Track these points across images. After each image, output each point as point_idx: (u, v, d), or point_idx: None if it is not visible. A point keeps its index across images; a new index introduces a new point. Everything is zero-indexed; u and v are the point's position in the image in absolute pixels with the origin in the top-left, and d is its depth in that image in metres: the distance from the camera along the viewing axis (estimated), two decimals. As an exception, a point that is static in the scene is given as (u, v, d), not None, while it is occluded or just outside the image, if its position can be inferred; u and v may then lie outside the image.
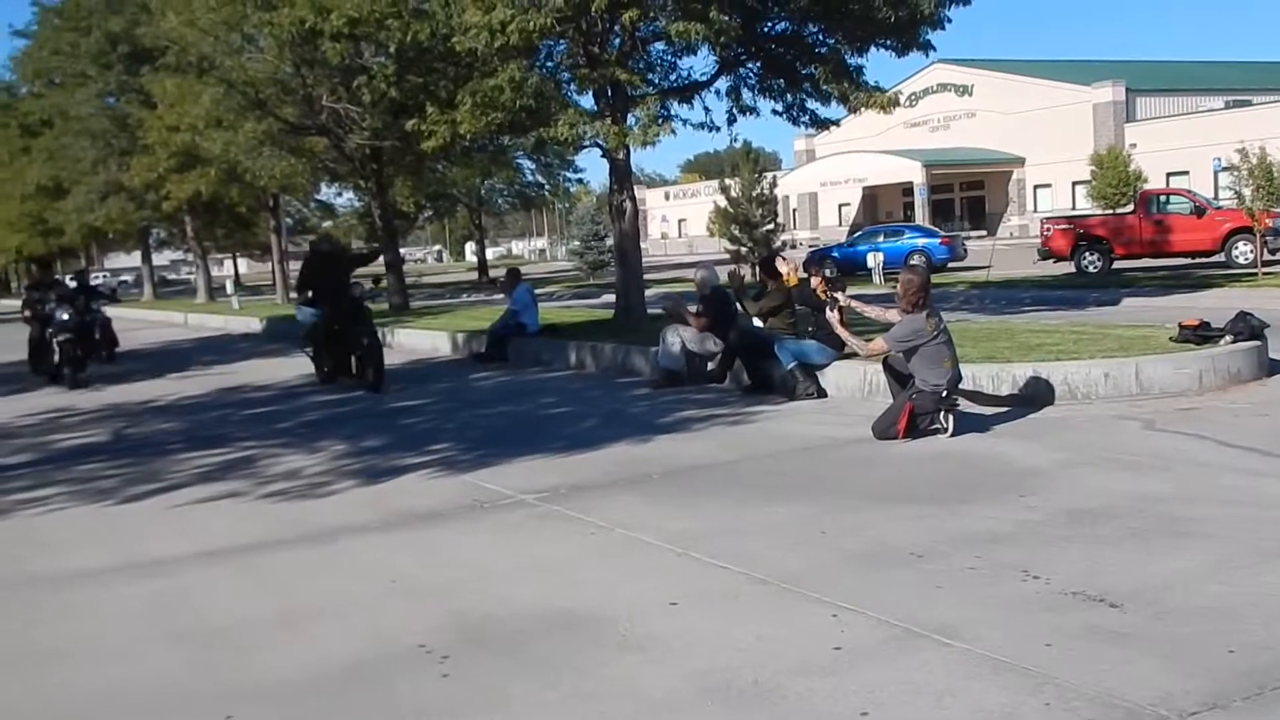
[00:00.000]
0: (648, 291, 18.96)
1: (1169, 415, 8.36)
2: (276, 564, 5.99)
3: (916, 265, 12.04)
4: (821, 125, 17.76)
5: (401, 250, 27.88)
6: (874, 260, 29.22)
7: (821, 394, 10.22)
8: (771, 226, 33.03)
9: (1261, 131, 31.59)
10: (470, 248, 76.23)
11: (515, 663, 4.34)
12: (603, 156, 16.57)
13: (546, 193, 54.63)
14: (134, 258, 44.33)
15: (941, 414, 8.13)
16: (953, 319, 10.81)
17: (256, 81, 21.79)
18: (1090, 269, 25.89)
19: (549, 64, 16.85)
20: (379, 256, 15.96)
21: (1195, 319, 10.36)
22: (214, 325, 29.85)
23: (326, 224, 66.65)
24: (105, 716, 4.19)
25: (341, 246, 24.12)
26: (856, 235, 37.71)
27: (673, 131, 15.72)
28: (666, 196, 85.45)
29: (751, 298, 11.33)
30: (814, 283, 10.54)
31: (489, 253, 65.49)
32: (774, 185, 34.48)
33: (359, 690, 4.19)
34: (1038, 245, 28.28)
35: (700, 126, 17.71)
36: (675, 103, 16.71)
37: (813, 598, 4.82)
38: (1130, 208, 29.46)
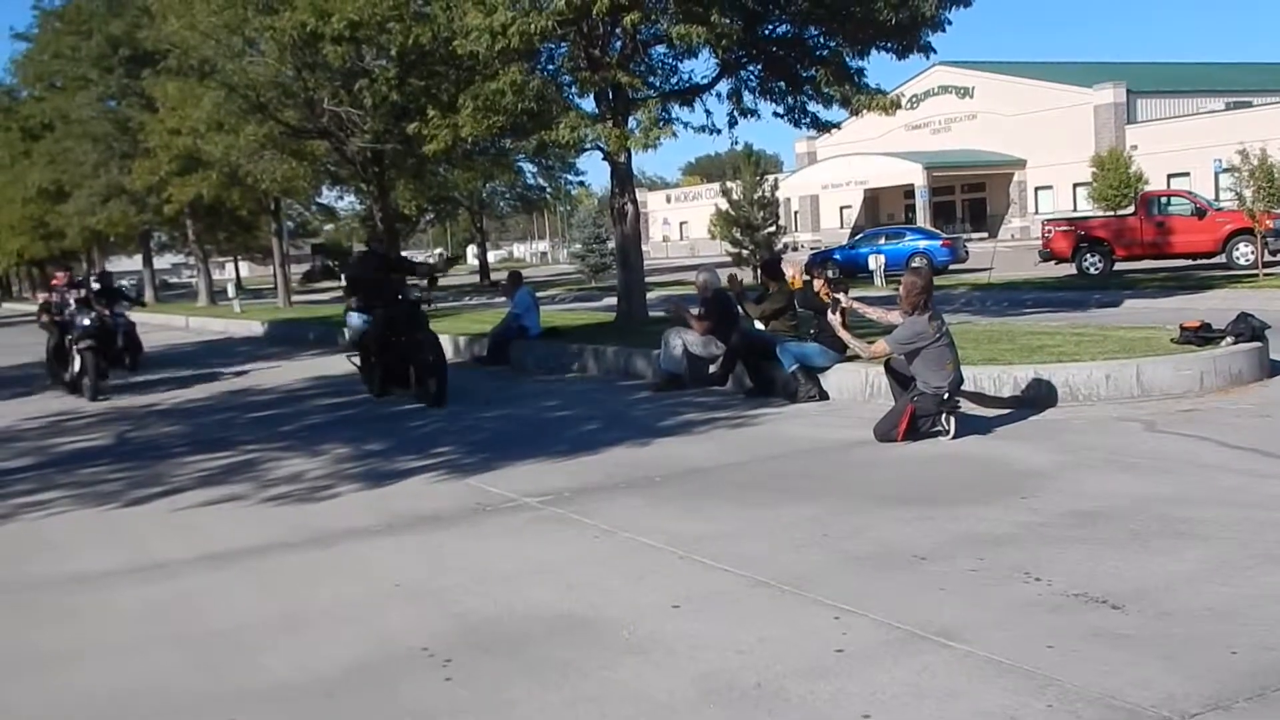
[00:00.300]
0: (649, 294, 18.96)
1: (1170, 417, 8.36)
2: (279, 567, 6.00)
3: (919, 267, 12.07)
4: (823, 128, 17.76)
5: (403, 253, 27.86)
6: (875, 262, 29.22)
7: (823, 396, 10.23)
8: (773, 229, 33.08)
9: (1262, 133, 31.59)
10: (472, 250, 76.25)
11: (518, 666, 4.35)
12: (604, 159, 16.59)
13: (548, 196, 54.63)
14: (135, 261, 44.36)
15: (943, 416, 8.14)
16: (954, 321, 10.81)
17: (258, 85, 21.80)
18: (1091, 270, 25.88)
19: (550, 67, 16.88)
20: (435, 273, 14.47)
21: (1196, 320, 10.37)
22: (215, 329, 29.87)
23: (328, 227, 66.84)
24: (109, 719, 4.21)
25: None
26: (858, 237, 37.71)
27: (674, 134, 15.74)
28: (668, 199, 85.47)
29: (753, 301, 11.34)
30: (817, 284, 10.55)
31: (490, 255, 65.52)
32: (775, 188, 34.54)
33: (361, 693, 4.20)
34: (1039, 247, 28.28)
35: (701, 129, 17.76)
36: (676, 105, 16.71)
37: (815, 600, 4.83)
38: (1131, 209, 29.45)
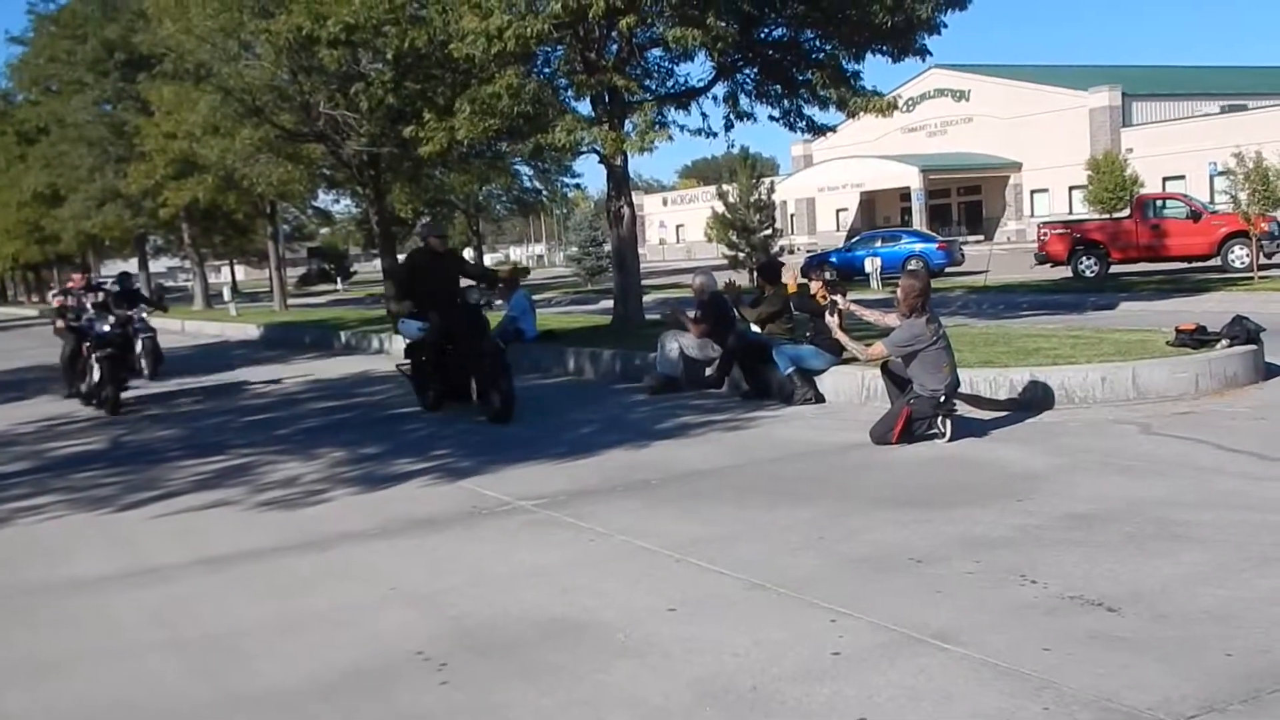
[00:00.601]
0: (646, 297, 18.97)
1: (1166, 419, 8.37)
2: (275, 571, 5.99)
3: (916, 270, 12.08)
4: (818, 131, 17.77)
5: (399, 256, 27.82)
6: (872, 265, 29.23)
7: (819, 399, 10.23)
8: (769, 232, 33.06)
9: (1257, 136, 31.59)
10: (468, 254, 76.22)
11: (513, 669, 4.34)
12: (600, 162, 16.58)
13: (544, 199, 54.59)
14: (131, 265, 44.27)
15: (939, 419, 8.14)
16: (950, 324, 10.82)
17: (253, 88, 21.77)
18: (1087, 273, 25.93)
19: (546, 70, 16.88)
20: (495, 276, 12.99)
21: (1191, 323, 10.38)
22: (211, 332, 29.85)
23: (324, 231, 66.77)
24: (104, 724, 4.20)
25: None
26: (854, 240, 37.73)
27: (670, 137, 15.79)
28: (664, 202, 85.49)
29: (749, 304, 11.34)
30: (814, 286, 10.55)
31: (487, 258, 65.45)
32: (771, 191, 34.50)
33: (358, 698, 4.19)
34: (1035, 250, 28.31)
35: (698, 132, 17.73)
36: (673, 109, 16.72)
37: (811, 603, 4.83)
38: (1127, 212, 29.49)
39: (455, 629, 4.84)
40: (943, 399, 8.12)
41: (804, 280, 11.65)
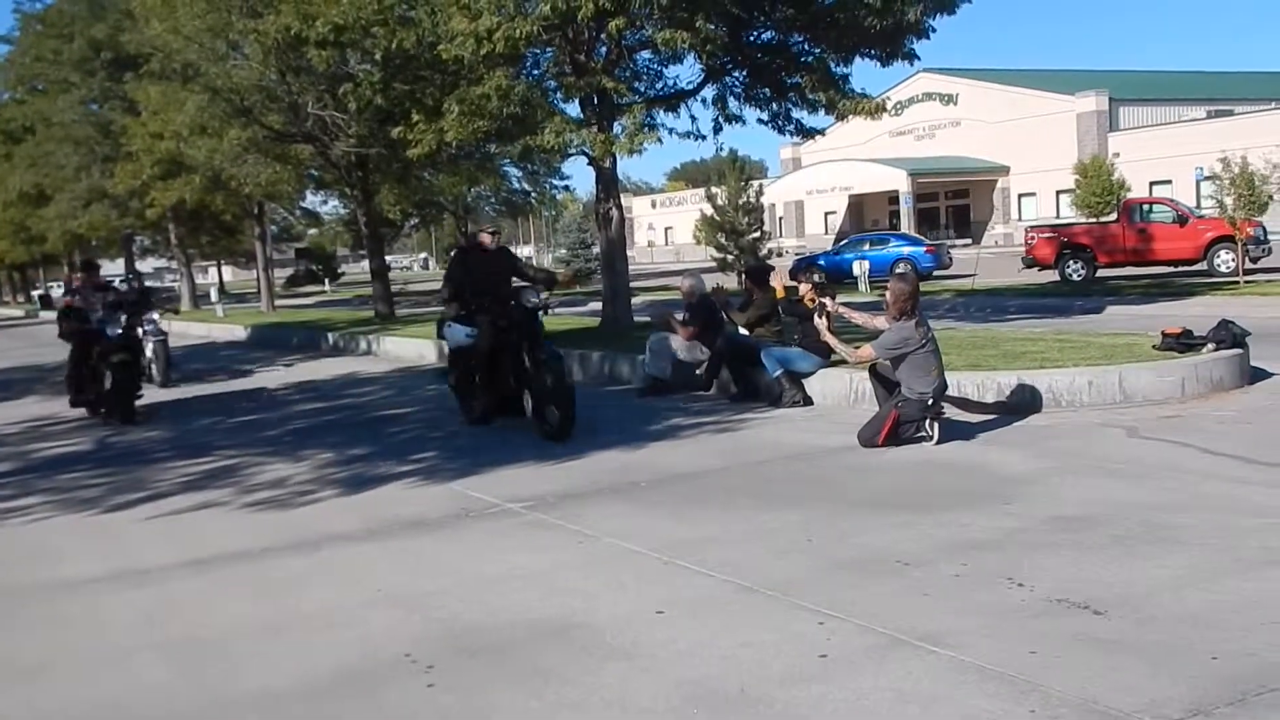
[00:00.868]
0: (634, 299, 18.96)
1: (1152, 423, 8.40)
2: (262, 573, 5.97)
3: (905, 274, 12.11)
4: (807, 134, 17.79)
5: (387, 258, 27.87)
6: (860, 268, 29.27)
7: (808, 402, 10.24)
8: (758, 235, 33.07)
9: (1243, 141, 31.77)
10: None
11: (501, 672, 4.34)
12: (589, 164, 16.58)
13: (533, 200, 54.53)
14: (117, 265, 44.14)
15: (927, 422, 8.16)
16: (938, 327, 10.84)
17: (241, 89, 21.74)
18: (1074, 277, 26.02)
19: (535, 72, 16.89)
20: (555, 279, 11.70)
21: (1178, 327, 10.42)
22: (198, 333, 29.75)
23: (312, 231, 66.59)
24: (89, 727, 4.18)
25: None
26: (842, 244, 37.78)
27: (659, 140, 15.76)
28: (653, 205, 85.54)
29: (737, 307, 11.35)
30: (802, 289, 10.55)
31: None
32: (760, 193, 34.54)
33: (345, 700, 4.18)
34: (1022, 253, 28.40)
35: (686, 135, 17.75)
36: (661, 111, 16.72)
37: (799, 605, 4.83)
38: (1114, 216, 29.62)
39: (443, 631, 4.83)
40: (930, 402, 8.14)
41: (792, 283, 11.64)
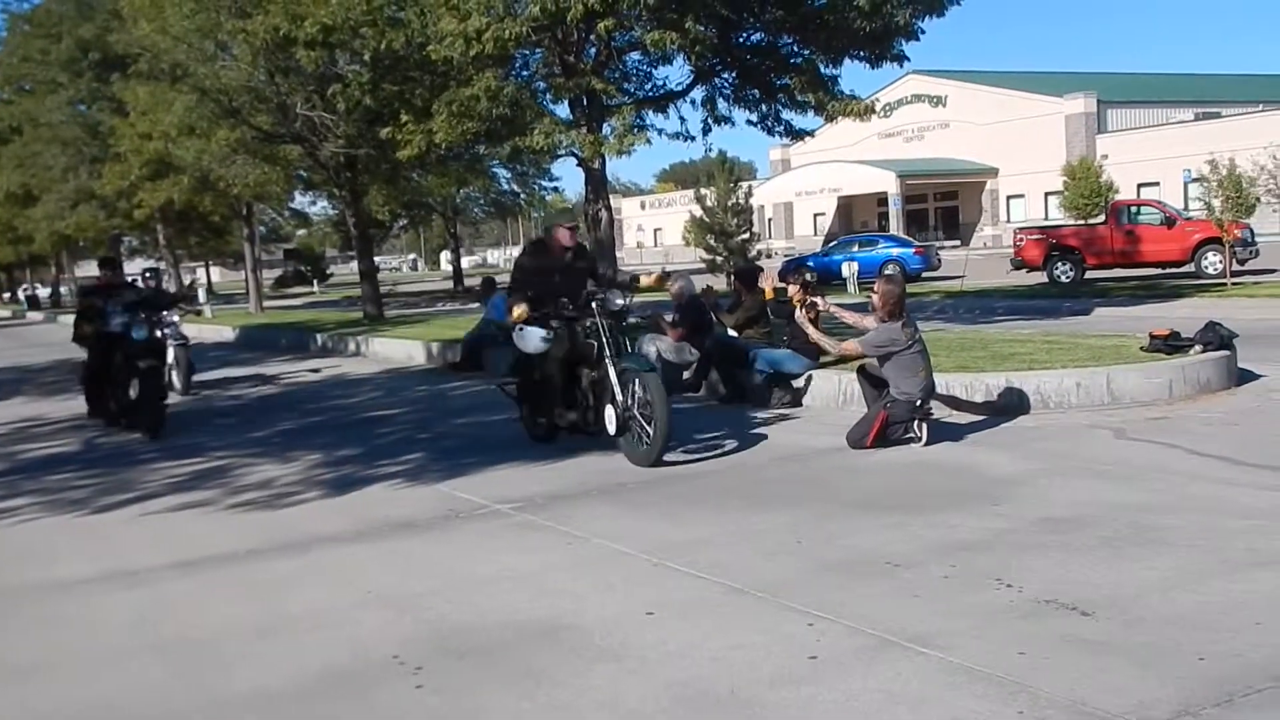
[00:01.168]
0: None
1: (1140, 424, 8.43)
2: (251, 574, 5.95)
3: (894, 275, 12.13)
4: (796, 136, 17.81)
5: (376, 259, 27.80)
6: (849, 270, 29.33)
7: (796, 403, 10.25)
8: (747, 236, 33.13)
9: (1231, 143, 31.94)
10: (445, 256, 75.97)
11: (490, 674, 4.33)
12: (578, 165, 16.57)
13: (522, 201, 54.52)
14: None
15: (915, 423, 8.18)
16: (927, 329, 10.87)
17: (230, 89, 21.67)
18: (1062, 279, 26.12)
19: (525, 73, 16.87)
20: (635, 280, 10.01)
21: (1165, 329, 10.47)
22: (186, 334, 29.57)
23: (301, 232, 66.39)
24: (77, 729, 4.16)
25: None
26: (831, 245, 37.87)
27: (648, 141, 15.77)
28: (642, 206, 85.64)
29: (726, 310, 11.36)
30: (790, 290, 10.56)
31: (464, 261, 65.32)
32: (749, 195, 34.61)
33: (334, 701, 4.17)
34: (1011, 255, 28.50)
35: (676, 136, 17.75)
36: (651, 112, 16.73)
37: (789, 607, 4.84)
38: (1102, 218, 29.73)
39: (432, 632, 4.82)
40: (919, 403, 8.16)
41: (781, 285, 11.66)
